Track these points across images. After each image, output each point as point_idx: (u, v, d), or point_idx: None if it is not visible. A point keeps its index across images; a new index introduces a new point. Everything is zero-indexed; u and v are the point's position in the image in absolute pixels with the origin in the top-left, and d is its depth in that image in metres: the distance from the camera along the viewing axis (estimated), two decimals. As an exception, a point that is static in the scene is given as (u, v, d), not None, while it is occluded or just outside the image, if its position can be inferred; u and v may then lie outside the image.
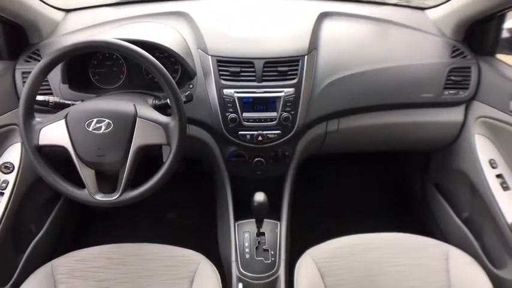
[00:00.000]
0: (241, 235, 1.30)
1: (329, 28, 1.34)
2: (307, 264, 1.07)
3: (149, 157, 1.07)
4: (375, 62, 1.31)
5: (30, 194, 1.31)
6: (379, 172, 2.02)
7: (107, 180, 1.06)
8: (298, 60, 1.23)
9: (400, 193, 1.98)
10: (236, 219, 1.34)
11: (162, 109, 1.08)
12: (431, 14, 1.45)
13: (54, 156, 1.04)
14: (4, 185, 1.20)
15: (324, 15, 1.37)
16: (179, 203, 1.91)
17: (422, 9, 1.49)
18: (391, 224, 1.21)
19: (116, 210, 1.21)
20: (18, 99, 1.27)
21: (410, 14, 1.49)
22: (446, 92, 1.33)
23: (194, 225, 1.77)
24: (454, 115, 1.39)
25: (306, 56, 1.24)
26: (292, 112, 1.22)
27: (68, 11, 1.44)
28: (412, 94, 1.33)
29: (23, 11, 1.22)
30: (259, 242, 1.27)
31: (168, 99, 1.08)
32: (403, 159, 1.94)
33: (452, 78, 1.32)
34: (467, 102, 1.37)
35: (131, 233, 1.28)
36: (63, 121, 0.98)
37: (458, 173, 1.43)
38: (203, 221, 1.69)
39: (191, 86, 1.23)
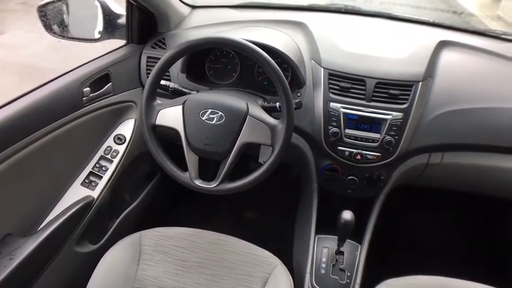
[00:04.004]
0: (319, 249, 1.28)
1: (447, 57, 1.29)
2: None
3: (243, 155, 1.11)
4: (492, 99, 1.23)
5: (133, 167, 1.43)
6: (475, 216, 1.88)
7: (207, 168, 1.13)
8: (411, 86, 1.20)
9: (493, 244, 1.83)
10: (316, 232, 1.33)
11: (268, 111, 1.12)
12: (562, 57, 1.33)
13: (164, 138, 1.13)
14: (115, 153, 1.33)
15: (443, 44, 1.32)
16: (260, 203, 1.94)
17: (553, 52, 1.38)
18: (478, 274, 1.12)
19: (202, 198, 1.27)
20: (140, 80, 1.40)
21: None
22: None
23: (270, 228, 1.79)
24: None
25: (420, 83, 1.20)
26: (396, 137, 1.19)
27: (194, 7, 1.55)
28: None
29: (159, 2, 1.34)
30: (336, 261, 1.25)
31: (277, 103, 1.11)
32: (505, 208, 1.79)
33: None
34: None
35: (210, 222, 1.34)
36: (180, 107, 1.06)
37: None
38: (280, 225, 1.70)
39: (299, 94, 1.25)
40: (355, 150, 1.21)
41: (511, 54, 1.34)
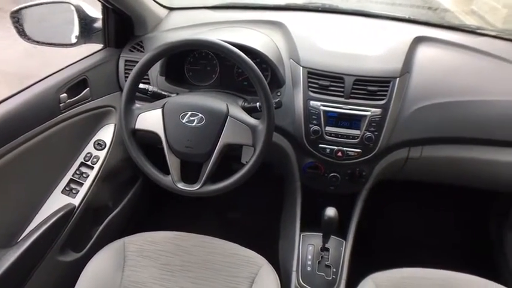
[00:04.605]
0: (305, 247, 1.29)
1: (424, 53, 1.32)
2: None
3: (226, 156, 1.11)
4: (468, 93, 1.26)
5: (114, 172, 1.41)
6: (455, 207, 1.92)
7: (190, 171, 1.12)
8: (389, 82, 1.22)
9: (472, 234, 1.87)
10: (301, 230, 1.34)
11: (249, 112, 1.12)
12: (534, 49, 1.37)
13: (145, 142, 1.12)
14: (95, 160, 1.31)
15: (419, 40, 1.35)
16: (244, 203, 1.94)
17: (526, 44, 1.42)
18: (459, 264, 1.14)
19: (185, 201, 1.26)
20: (119, 84, 1.39)
21: (510, 47, 1.42)
22: None
23: (255, 228, 1.79)
24: None
25: (397, 78, 1.22)
26: (376, 133, 1.21)
27: (171, 9, 1.54)
28: (505, 132, 1.26)
29: (135, 4, 1.32)
30: (322, 257, 1.26)
31: (257, 103, 1.12)
32: (484, 199, 1.84)
33: None
34: None
35: (195, 224, 1.34)
36: (160, 110, 1.05)
37: None
38: (265, 225, 1.71)
39: (279, 94, 1.26)
40: (336, 147, 1.23)
41: (485, 48, 1.37)
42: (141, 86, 1.14)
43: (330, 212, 1.12)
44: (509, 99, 1.25)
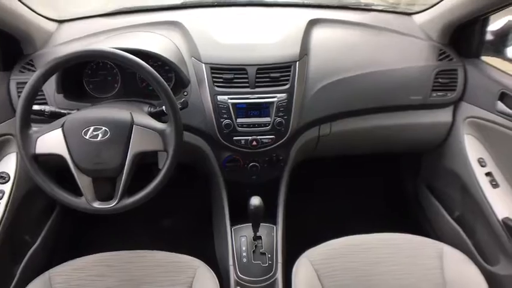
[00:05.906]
0: (238, 239, 1.31)
1: (319, 34, 1.38)
2: (304, 266, 1.08)
3: (144, 164, 1.08)
4: (364, 66, 1.34)
5: (25, 204, 1.31)
6: (372, 175, 2.05)
7: (104, 187, 1.07)
8: (290, 66, 1.26)
9: (393, 195, 2.01)
10: (232, 223, 1.35)
11: (157, 116, 1.10)
12: (417, 18, 1.49)
13: (51, 166, 1.05)
14: (0, 194, 1.20)
15: (313, 22, 1.40)
16: (173, 209, 1.91)
17: (409, 14, 1.53)
18: (386, 225, 1.23)
19: (111, 219, 1.21)
20: (13, 109, 1.29)
21: (397, 19, 1.53)
22: (434, 94, 1.37)
23: (189, 231, 1.78)
24: (443, 116, 1.42)
25: (297, 62, 1.27)
26: (285, 117, 1.25)
27: (61, 21, 1.45)
28: (401, 97, 1.36)
29: (16, 22, 1.22)
30: (256, 246, 1.28)
31: (163, 107, 1.10)
32: (395, 161, 1.98)
33: (440, 80, 1.36)
34: (455, 104, 1.41)
35: (127, 240, 1.29)
36: (59, 130, 0.99)
37: (449, 173, 1.46)
38: (198, 227, 1.70)
39: (185, 94, 1.25)
40: (250, 138, 1.25)
41: (375, 23, 1.46)
42: (37, 107, 1.07)
43: (255, 201, 1.15)
44: (402, 67, 1.35)
